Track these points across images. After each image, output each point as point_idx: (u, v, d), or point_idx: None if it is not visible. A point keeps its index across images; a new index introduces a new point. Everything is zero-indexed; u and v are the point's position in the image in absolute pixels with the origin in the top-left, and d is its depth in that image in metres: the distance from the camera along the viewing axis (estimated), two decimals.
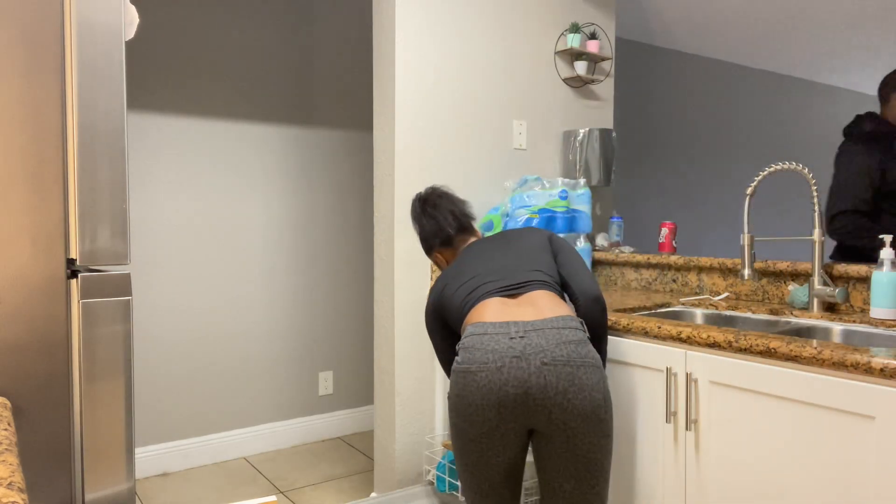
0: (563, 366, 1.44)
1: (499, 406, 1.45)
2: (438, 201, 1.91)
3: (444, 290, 1.72)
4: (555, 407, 1.44)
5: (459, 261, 1.78)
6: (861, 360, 1.32)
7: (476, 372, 1.46)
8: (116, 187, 1.08)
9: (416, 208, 1.94)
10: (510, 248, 1.75)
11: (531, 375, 1.43)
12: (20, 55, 1.00)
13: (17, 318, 1.00)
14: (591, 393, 1.45)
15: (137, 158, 2.94)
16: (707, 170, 5.34)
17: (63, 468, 1.05)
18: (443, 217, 1.88)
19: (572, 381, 1.44)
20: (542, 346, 1.46)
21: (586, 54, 2.82)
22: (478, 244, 1.82)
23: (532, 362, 1.44)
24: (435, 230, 1.88)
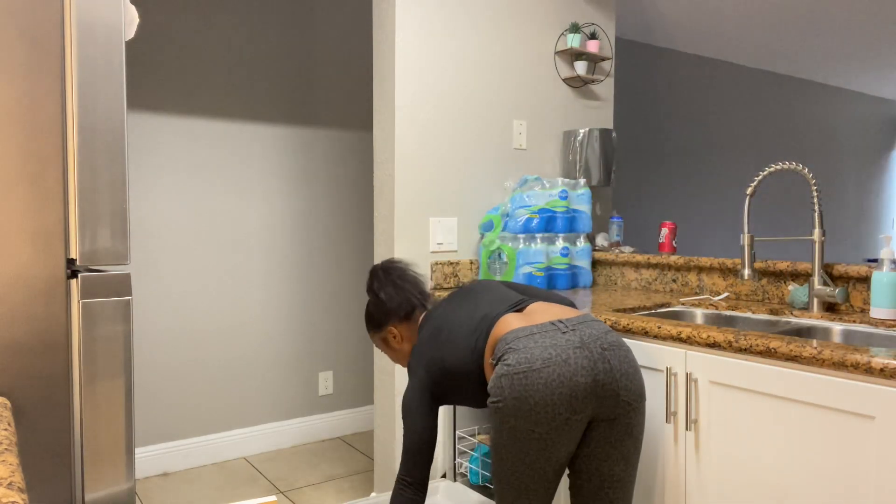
0: (618, 349, 1.52)
1: (570, 398, 1.44)
2: (403, 274, 1.80)
3: (435, 352, 1.65)
4: (621, 389, 1.50)
5: (431, 325, 1.70)
6: (861, 360, 1.32)
7: (541, 369, 1.44)
8: (116, 187, 1.08)
9: (379, 278, 1.79)
10: (482, 293, 1.70)
11: (596, 362, 1.47)
12: (20, 55, 1.00)
13: (17, 318, 1.00)
14: (639, 372, 1.56)
15: (137, 158, 2.94)
16: (707, 170, 5.34)
17: (63, 468, 1.05)
18: (411, 288, 1.78)
19: (629, 362, 1.53)
20: (595, 334, 1.52)
21: (586, 54, 2.82)
22: (439, 308, 1.74)
23: (594, 349, 1.49)
24: (401, 301, 1.76)
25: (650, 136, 4.95)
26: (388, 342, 1.80)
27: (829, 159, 6.42)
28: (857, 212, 6.76)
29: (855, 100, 6.65)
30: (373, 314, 1.80)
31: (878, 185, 7.02)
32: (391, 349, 1.81)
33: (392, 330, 1.77)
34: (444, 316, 1.69)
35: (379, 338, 1.82)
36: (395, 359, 1.84)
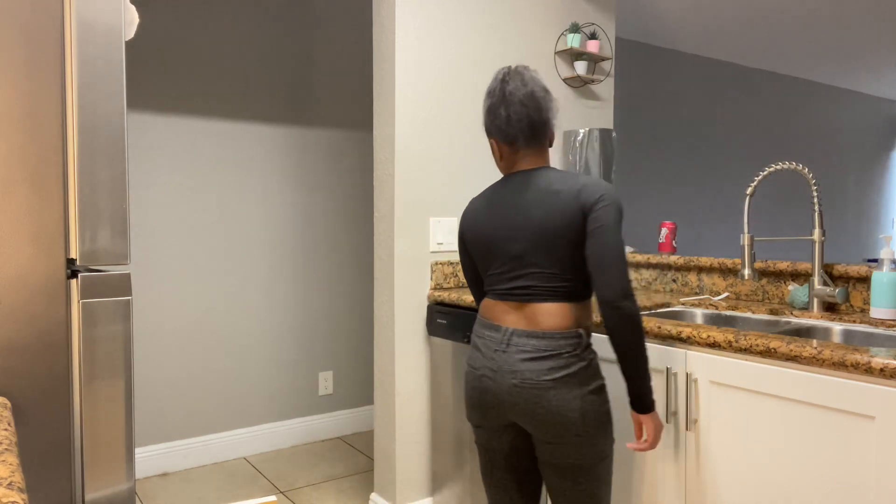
0: (531, 389, 1.46)
1: (481, 407, 1.58)
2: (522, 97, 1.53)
3: (469, 233, 1.62)
4: (527, 424, 1.51)
5: (492, 196, 1.60)
6: (861, 360, 1.32)
7: (468, 372, 1.61)
8: (116, 187, 1.08)
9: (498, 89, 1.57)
10: (530, 221, 1.51)
11: (503, 393, 1.51)
12: (20, 55, 1.00)
13: (17, 318, 1.00)
14: (560, 415, 1.46)
15: (137, 158, 2.94)
16: (707, 170, 5.34)
17: (63, 468, 1.05)
18: (517, 120, 1.54)
19: (539, 403, 1.46)
20: (515, 365, 1.48)
21: (586, 54, 2.82)
22: (515, 184, 1.57)
23: (504, 382, 1.51)
24: (501, 127, 1.56)
25: (650, 136, 4.95)
26: (492, 150, 1.64)
27: (829, 159, 6.42)
28: (857, 212, 6.76)
29: (855, 100, 6.65)
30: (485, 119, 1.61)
31: (878, 185, 7.01)
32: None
33: (493, 143, 1.61)
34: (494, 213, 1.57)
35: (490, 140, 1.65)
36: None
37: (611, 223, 1.44)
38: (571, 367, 1.46)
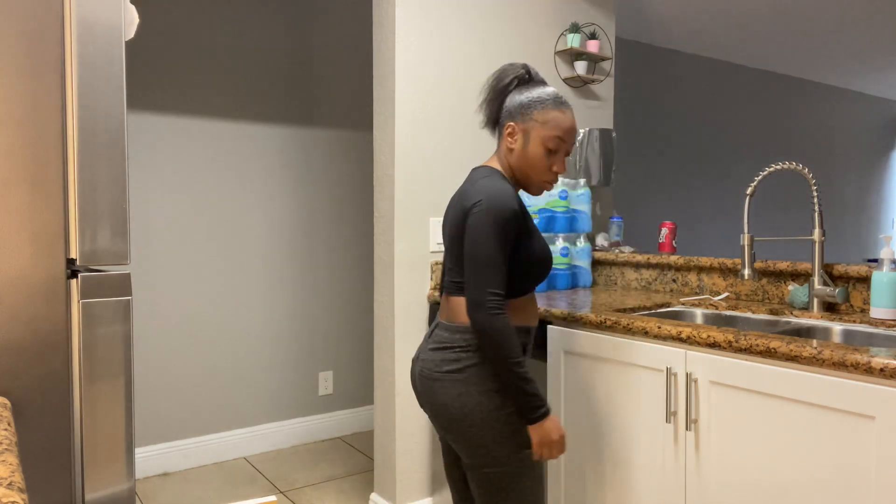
0: (426, 378, 1.55)
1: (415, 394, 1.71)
2: (500, 85, 1.57)
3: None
4: (428, 414, 1.58)
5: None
6: (861, 360, 1.32)
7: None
8: (116, 187, 1.08)
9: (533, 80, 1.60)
10: (447, 219, 1.60)
11: (414, 380, 1.62)
12: (20, 55, 1.00)
13: (17, 318, 1.00)
14: (445, 408, 1.50)
15: (137, 158, 2.94)
16: (707, 170, 5.34)
17: (63, 468, 1.05)
18: (486, 105, 1.60)
19: (429, 394, 1.53)
20: (423, 353, 1.58)
21: (586, 54, 2.82)
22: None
23: (415, 370, 1.61)
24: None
25: (650, 136, 4.95)
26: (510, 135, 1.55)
27: (829, 159, 6.42)
28: (857, 212, 6.76)
29: (855, 100, 6.65)
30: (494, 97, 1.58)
31: (878, 185, 7.01)
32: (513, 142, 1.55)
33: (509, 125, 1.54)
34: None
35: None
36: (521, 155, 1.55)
37: (478, 230, 1.42)
38: (460, 362, 1.48)
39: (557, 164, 1.52)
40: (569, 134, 1.52)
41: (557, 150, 1.51)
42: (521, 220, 1.47)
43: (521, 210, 1.48)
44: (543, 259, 1.53)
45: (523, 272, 1.51)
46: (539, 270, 1.53)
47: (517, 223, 1.45)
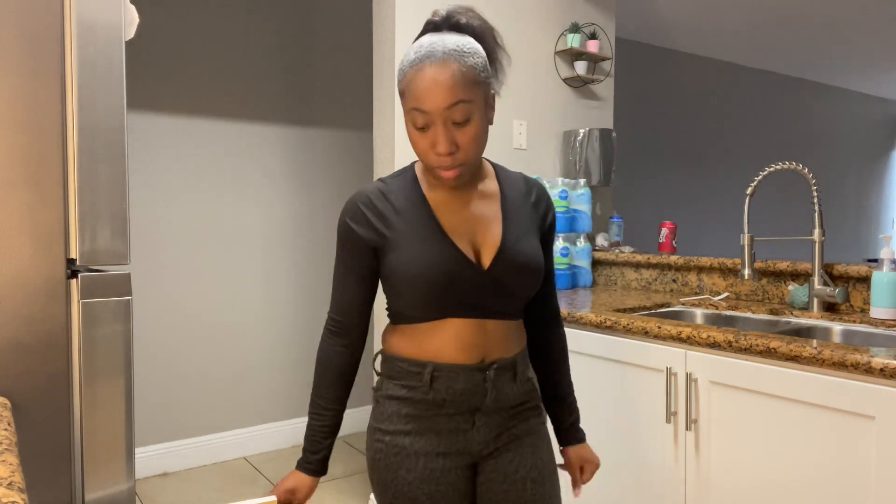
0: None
1: None
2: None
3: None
4: None
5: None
6: (861, 360, 1.32)
7: None
8: (116, 187, 1.08)
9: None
10: None
11: None
12: (20, 55, 1.00)
13: (17, 318, 1.00)
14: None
15: (137, 158, 2.94)
16: (707, 170, 5.34)
17: (63, 468, 1.05)
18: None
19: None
20: None
21: (586, 54, 2.82)
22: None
23: None
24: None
25: (650, 136, 4.95)
26: (486, 106, 1.12)
27: (829, 159, 6.42)
28: (857, 212, 6.76)
29: (855, 100, 6.65)
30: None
31: (878, 185, 7.01)
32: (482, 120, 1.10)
33: (493, 96, 1.15)
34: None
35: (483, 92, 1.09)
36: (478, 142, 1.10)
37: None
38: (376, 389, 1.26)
39: (437, 141, 1.06)
40: (425, 99, 1.04)
41: (426, 126, 1.07)
42: (365, 231, 1.15)
43: (363, 218, 1.16)
44: (410, 276, 1.11)
45: (391, 293, 1.17)
46: (409, 290, 1.12)
47: (351, 236, 1.17)
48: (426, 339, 1.17)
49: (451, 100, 1.04)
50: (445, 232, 1.15)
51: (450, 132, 1.07)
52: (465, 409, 1.17)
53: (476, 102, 1.07)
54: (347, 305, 1.22)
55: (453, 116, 1.05)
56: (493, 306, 1.16)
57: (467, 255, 1.14)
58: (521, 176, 1.27)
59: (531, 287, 1.18)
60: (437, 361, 1.16)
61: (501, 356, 1.18)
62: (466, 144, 1.08)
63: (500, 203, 1.20)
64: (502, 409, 1.20)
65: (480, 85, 1.08)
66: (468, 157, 1.09)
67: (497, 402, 1.18)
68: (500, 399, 1.18)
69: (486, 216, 1.18)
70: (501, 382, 1.18)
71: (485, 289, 1.14)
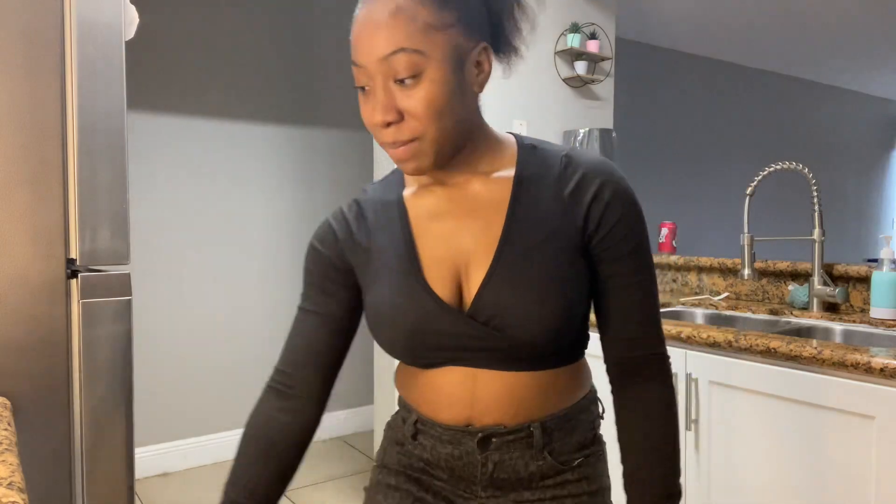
0: None
1: None
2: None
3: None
4: None
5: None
6: (861, 359, 1.31)
7: None
8: (116, 187, 1.08)
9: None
10: None
11: None
12: (20, 55, 1.00)
13: (17, 318, 1.00)
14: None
15: (137, 158, 2.94)
16: (707, 170, 5.34)
17: (63, 468, 1.05)
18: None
19: None
20: None
21: (586, 54, 2.82)
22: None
23: None
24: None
25: (650, 136, 4.95)
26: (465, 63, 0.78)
27: (829, 159, 6.42)
28: (857, 212, 6.76)
29: (855, 100, 6.65)
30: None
31: (878, 185, 7.01)
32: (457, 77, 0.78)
33: (485, 52, 0.82)
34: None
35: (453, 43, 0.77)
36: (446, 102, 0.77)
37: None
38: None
39: (367, 109, 0.78)
40: (357, 47, 0.76)
41: (364, 87, 0.78)
42: (332, 254, 0.91)
43: (331, 238, 0.91)
44: (372, 324, 0.89)
45: (372, 333, 0.90)
46: (376, 337, 0.89)
47: (317, 260, 0.92)
48: (411, 381, 0.91)
49: (388, 47, 0.73)
50: (420, 261, 0.84)
51: (389, 94, 0.75)
52: (458, 477, 0.88)
53: (432, 54, 0.74)
54: (300, 354, 0.94)
55: (393, 71, 0.74)
56: (487, 357, 0.82)
57: (440, 297, 0.82)
58: (561, 156, 0.85)
59: (541, 331, 0.80)
60: (421, 413, 0.89)
61: (500, 421, 0.84)
62: (417, 112, 0.75)
63: (508, 207, 0.83)
64: (521, 483, 0.86)
65: (443, 29, 0.75)
66: (424, 129, 0.76)
67: (503, 479, 0.86)
68: (505, 475, 0.86)
69: (481, 231, 0.83)
70: (506, 455, 0.85)
71: (467, 337, 0.82)
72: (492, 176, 0.85)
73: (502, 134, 0.91)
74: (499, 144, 0.88)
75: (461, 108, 0.79)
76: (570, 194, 0.83)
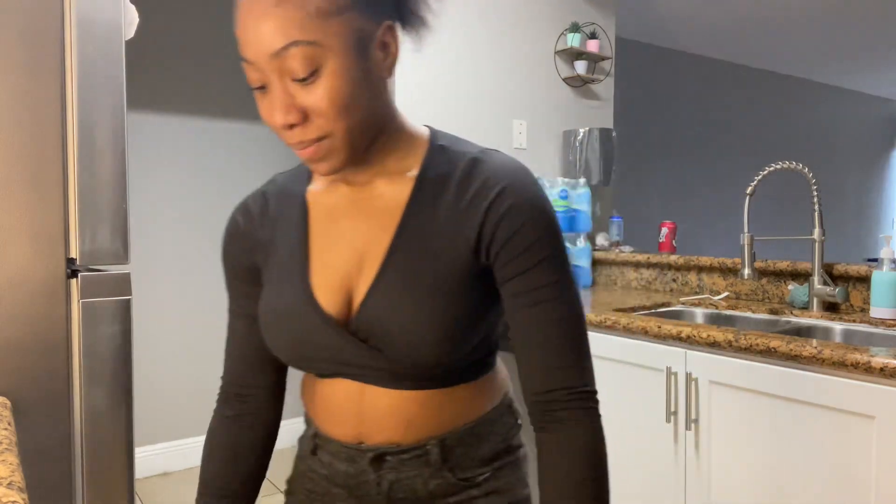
0: None
1: None
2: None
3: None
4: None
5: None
6: (861, 359, 1.31)
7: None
8: (116, 187, 1.08)
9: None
10: None
11: None
12: (20, 55, 1.00)
13: (17, 318, 1.00)
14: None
15: (137, 158, 2.94)
16: (707, 170, 5.33)
17: (63, 468, 1.05)
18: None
19: None
20: None
21: (586, 54, 2.82)
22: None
23: None
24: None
25: (650, 136, 4.95)
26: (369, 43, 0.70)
27: (829, 159, 6.42)
28: (857, 212, 6.76)
29: (855, 99, 6.65)
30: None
31: (878, 185, 7.01)
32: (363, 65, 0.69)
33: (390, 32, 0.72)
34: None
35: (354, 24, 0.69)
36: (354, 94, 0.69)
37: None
38: None
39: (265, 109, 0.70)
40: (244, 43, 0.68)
41: (264, 85, 0.69)
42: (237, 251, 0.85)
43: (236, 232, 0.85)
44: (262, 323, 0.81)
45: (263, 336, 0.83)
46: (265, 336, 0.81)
47: (225, 258, 0.87)
48: (309, 391, 0.85)
49: (278, 41, 0.65)
50: (309, 266, 0.78)
51: (288, 92, 0.68)
52: (357, 496, 0.81)
53: (330, 44, 0.66)
54: (240, 362, 0.87)
55: (289, 69, 0.66)
56: (372, 374, 0.76)
57: (323, 308, 0.76)
58: (469, 158, 0.78)
59: (424, 354, 0.72)
60: (317, 426, 0.84)
61: (392, 439, 0.77)
62: (321, 109, 0.67)
63: (402, 213, 0.76)
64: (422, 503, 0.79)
65: (339, 13, 0.66)
66: (332, 126, 0.68)
67: (402, 499, 0.79)
68: (403, 495, 0.79)
69: (375, 237, 0.76)
70: (402, 474, 0.79)
71: (349, 353, 0.75)
72: (398, 175, 0.77)
73: (417, 127, 0.81)
74: (411, 139, 0.79)
75: (371, 99, 0.71)
76: (469, 201, 0.74)
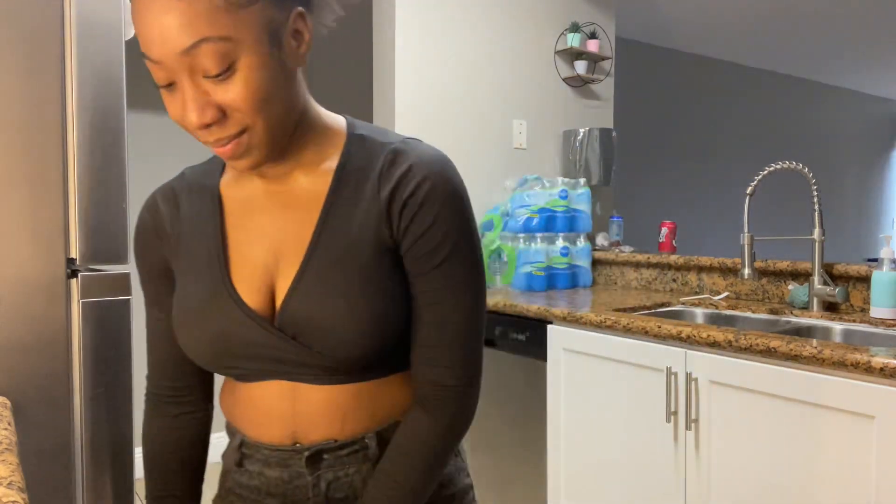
0: None
1: None
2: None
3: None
4: None
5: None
6: (861, 359, 1.31)
7: None
8: (116, 187, 1.08)
9: None
10: None
11: None
12: (20, 55, 1.00)
13: (17, 318, 1.00)
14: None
15: (137, 158, 2.94)
16: (707, 170, 5.34)
17: (63, 468, 1.05)
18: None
19: None
20: None
21: (586, 54, 2.82)
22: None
23: None
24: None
25: (650, 136, 4.95)
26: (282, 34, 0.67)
27: (829, 159, 6.42)
28: (857, 212, 6.76)
29: (855, 99, 6.65)
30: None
31: (878, 185, 7.01)
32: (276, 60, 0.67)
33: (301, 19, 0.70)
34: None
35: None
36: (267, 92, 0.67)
37: None
38: None
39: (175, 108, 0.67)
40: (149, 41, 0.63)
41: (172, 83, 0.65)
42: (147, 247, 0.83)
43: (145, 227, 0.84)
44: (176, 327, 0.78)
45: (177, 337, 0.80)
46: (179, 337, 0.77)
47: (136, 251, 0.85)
48: (232, 399, 0.81)
49: (186, 38, 0.61)
50: (228, 261, 0.76)
51: (201, 90, 0.64)
52: (293, 502, 0.77)
53: (242, 37, 0.63)
54: (162, 364, 0.84)
55: (201, 67, 0.63)
56: (303, 370, 0.74)
57: (246, 304, 0.74)
58: (390, 148, 0.76)
59: (352, 347, 0.71)
60: (245, 435, 0.79)
61: (329, 435, 0.75)
62: (238, 106, 0.64)
63: (322, 206, 0.74)
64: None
65: (248, 4, 0.63)
66: (251, 121, 0.66)
67: (340, 499, 0.77)
68: (342, 494, 0.77)
69: (295, 231, 0.75)
70: (340, 472, 0.76)
71: (278, 350, 0.73)
72: (316, 167, 0.76)
73: (333, 117, 0.81)
74: (327, 130, 0.79)
75: (288, 90, 0.70)
76: (389, 192, 0.72)
